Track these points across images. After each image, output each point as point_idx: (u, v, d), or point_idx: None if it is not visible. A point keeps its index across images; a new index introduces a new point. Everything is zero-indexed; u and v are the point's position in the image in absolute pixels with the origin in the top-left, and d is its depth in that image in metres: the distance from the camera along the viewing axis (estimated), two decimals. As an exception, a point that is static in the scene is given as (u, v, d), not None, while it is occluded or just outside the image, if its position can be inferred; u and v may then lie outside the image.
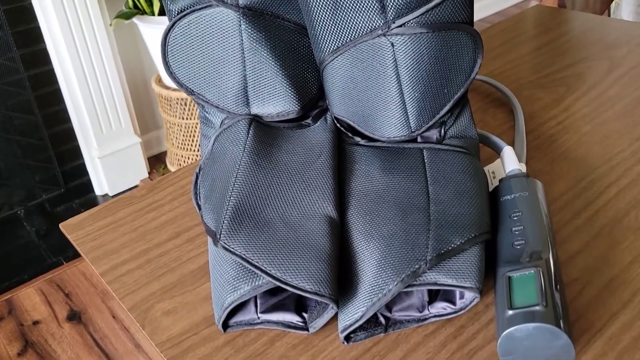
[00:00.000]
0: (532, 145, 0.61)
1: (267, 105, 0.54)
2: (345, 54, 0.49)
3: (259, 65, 0.52)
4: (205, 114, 0.56)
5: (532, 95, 0.70)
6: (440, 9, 0.45)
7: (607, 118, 0.64)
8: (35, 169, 1.75)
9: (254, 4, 0.50)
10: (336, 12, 0.46)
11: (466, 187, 0.47)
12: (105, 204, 0.59)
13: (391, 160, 0.51)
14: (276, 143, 0.52)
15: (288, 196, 0.47)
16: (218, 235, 0.44)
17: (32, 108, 1.70)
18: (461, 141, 0.53)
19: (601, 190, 0.54)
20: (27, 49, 1.64)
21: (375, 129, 0.52)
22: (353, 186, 0.49)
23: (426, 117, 0.51)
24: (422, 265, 0.41)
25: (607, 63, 0.76)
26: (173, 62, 0.53)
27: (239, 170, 0.48)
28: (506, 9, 3.09)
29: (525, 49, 0.82)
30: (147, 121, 2.01)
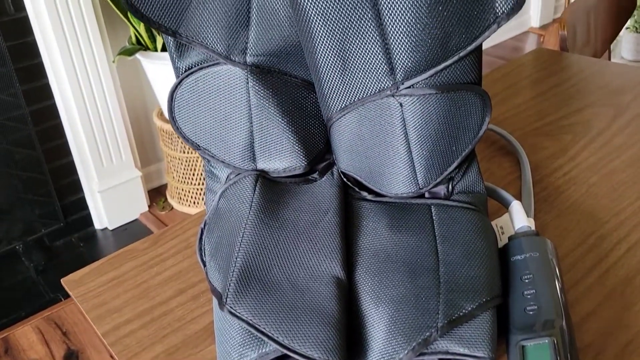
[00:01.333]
0: (540, 197, 0.61)
1: (274, 161, 0.53)
2: (353, 112, 0.49)
3: (265, 122, 0.52)
4: (210, 168, 0.56)
5: (537, 143, 0.70)
6: (449, 70, 0.45)
7: (614, 168, 0.64)
8: (35, 203, 1.75)
9: (261, 62, 0.50)
10: (345, 72, 0.46)
11: (476, 247, 0.47)
12: (108, 257, 0.58)
13: (399, 217, 0.50)
14: (283, 200, 0.51)
15: (295, 256, 0.46)
16: (224, 298, 0.43)
17: (34, 143, 1.70)
18: (469, 197, 0.52)
19: (611, 247, 0.53)
20: (29, 85, 1.65)
21: (383, 185, 0.52)
22: (361, 244, 0.48)
23: (434, 174, 0.50)
24: (433, 332, 0.40)
25: (612, 110, 0.76)
26: (180, 117, 0.53)
27: (246, 230, 0.47)
28: (504, 42, 3.12)
29: (529, 94, 0.82)
30: (148, 154, 2.01)
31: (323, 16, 0.42)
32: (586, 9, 1.14)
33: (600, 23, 1.20)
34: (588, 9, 1.15)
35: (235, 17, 0.47)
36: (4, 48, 1.58)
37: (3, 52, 1.58)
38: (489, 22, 0.42)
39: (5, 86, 1.61)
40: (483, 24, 0.43)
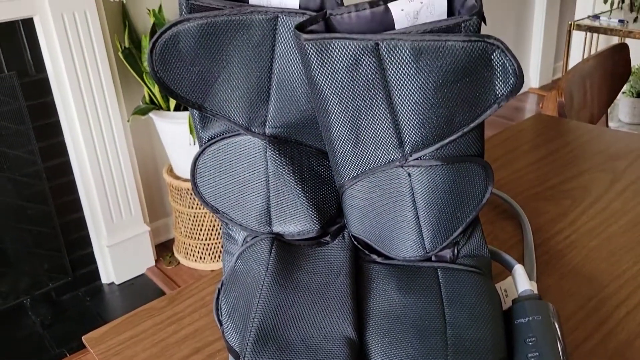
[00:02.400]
0: (541, 261, 0.63)
1: (289, 225, 0.56)
2: (364, 180, 0.52)
3: (282, 188, 0.55)
4: (228, 231, 0.59)
5: (538, 207, 0.73)
6: (454, 144, 0.49)
7: (613, 233, 0.67)
8: (44, 257, 1.77)
9: (279, 133, 0.54)
10: (357, 144, 0.50)
11: (481, 309, 0.49)
12: (127, 316, 0.60)
13: (407, 280, 0.53)
14: (297, 262, 0.54)
15: (309, 317, 0.48)
16: (242, 357, 0.45)
17: (46, 198, 1.74)
18: (474, 260, 0.55)
19: (611, 311, 0.55)
20: (45, 142, 1.71)
21: (392, 249, 0.55)
22: (371, 305, 0.51)
23: (440, 238, 0.53)
24: (442, 394, 0.42)
25: (610, 175, 0.79)
26: (201, 183, 0.57)
27: (262, 291, 0.50)
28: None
29: (529, 158, 0.86)
30: (156, 209, 2.04)
31: (338, 96, 0.46)
32: (582, 76, 1.20)
33: (597, 89, 1.25)
34: (584, 76, 1.21)
35: (257, 93, 0.52)
36: (24, 107, 1.65)
37: (23, 111, 1.65)
38: (490, 102, 0.46)
39: (22, 143, 1.66)
40: (485, 104, 0.46)
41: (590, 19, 2.49)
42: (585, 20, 2.49)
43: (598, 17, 2.47)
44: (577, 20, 2.50)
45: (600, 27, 2.40)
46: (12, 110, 1.63)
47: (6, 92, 1.61)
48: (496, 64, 0.45)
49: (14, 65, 1.61)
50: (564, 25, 3.40)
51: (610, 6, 2.47)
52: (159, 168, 2.01)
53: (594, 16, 2.49)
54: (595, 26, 2.42)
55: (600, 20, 2.44)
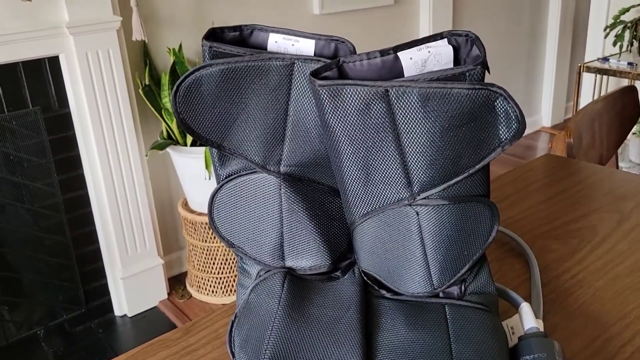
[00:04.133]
0: (548, 299, 0.64)
1: (301, 260, 0.58)
2: (374, 217, 0.55)
3: (295, 224, 0.57)
4: (243, 265, 0.61)
5: (546, 246, 0.75)
6: (460, 184, 0.51)
7: (619, 273, 0.68)
8: (59, 288, 1.79)
9: (293, 171, 0.57)
10: (367, 184, 0.52)
11: (487, 346, 0.50)
12: (143, 346, 0.62)
13: (415, 315, 0.54)
14: (308, 296, 0.56)
15: (319, 349, 0.50)
16: (254, 388, 0.46)
17: (64, 230, 1.77)
18: (481, 297, 0.56)
19: (616, 351, 0.56)
20: (65, 175, 1.75)
21: (400, 285, 0.56)
22: (380, 340, 0.52)
23: (448, 275, 0.55)
24: None
25: (617, 215, 0.80)
26: (217, 218, 0.59)
27: (275, 324, 0.52)
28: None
29: (538, 198, 0.88)
30: (170, 242, 2.07)
31: (349, 138, 0.49)
32: (591, 117, 1.22)
33: (606, 130, 1.27)
34: (593, 117, 1.23)
35: (273, 134, 0.55)
36: (46, 141, 1.70)
37: (45, 145, 1.70)
38: (494, 145, 0.49)
39: (43, 176, 1.71)
40: (489, 147, 0.49)
41: (599, 61, 2.53)
42: (594, 63, 2.53)
43: (607, 60, 2.51)
44: (586, 62, 2.54)
45: (610, 69, 2.44)
46: (35, 144, 1.68)
47: (30, 126, 1.66)
48: (499, 110, 0.47)
49: (39, 100, 1.67)
50: (575, 66, 3.45)
51: (619, 49, 2.51)
52: (174, 202, 2.05)
53: (604, 58, 2.54)
54: (605, 68, 2.45)
55: (610, 62, 2.48)
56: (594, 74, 2.54)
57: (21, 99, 1.65)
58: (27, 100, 1.65)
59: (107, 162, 1.75)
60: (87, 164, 1.76)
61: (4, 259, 1.69)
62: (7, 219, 1.67)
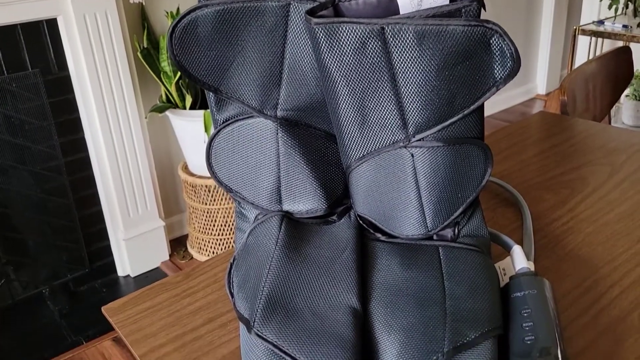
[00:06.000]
0: (540, 245, 0.66)
1: (298, 203, 0.59)
2: (370, 161, 0.56)
3: (292, 168, 0.59)
4: (240, 209, 0.62)
5: (538, 196, 0.76)
6: (455, 126, 0.52)
7: (609, 220, 0.69)
8: (63, 249, 1.82)
9: (290, 116, 0.58)
10: (363, 126, 0.53)
11: (479, 283, 0.52)
12: (144, 289, 0.64)
13: (409, 256, 0.55)
14: (305, 238, 0.57)
15: (316, 288, 0.51)
16: (252, 322, 0.48)
17: (67, 192, 1.79)
18: (473, 240, 0.57)
19: (605, 290, 0.58)
20: (66, 138, 1.76)
21: (395, 227, 0.58)
22: (375, 279, 0.54)
23: (441, 218, 0.56)
24: (440, 357, 0.45)
25: (608, 168, 0.81)
26: (215, 163, 0.60)
27: (272, 263, 0.53)
28: (513, 107, 3.22)
29: (531, 152, 0.88)
30: (171, 205, 2.09)
31: (345, 78, 0.49)
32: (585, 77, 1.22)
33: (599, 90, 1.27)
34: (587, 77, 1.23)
35: (269, 77, 0.55)
36: (46, 104, 1.70)
37: (46, 107, 1.70)
38: (489, 85, 0.50)
39: (45, 138, 1.72)
40: (484, 87, 0.50)
41: (595, 24, 2.52)
42: (590, 26, 2.51)
43: (602, 23, 2.50)
44: (582, 25, 2.53)
45: (605, 32, 2.43)
46: (35, 107, 1.68)
47: (30, 89, 1.66)
48: (495, 48, 0.48)
49: (38, 63, 1.67)
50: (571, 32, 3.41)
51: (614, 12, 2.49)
52: (174, 165, 2.06)
53: (599, 21, 2.52)
54: (600, 31, 2.45)
55: (605, 25, 2.47)
56: (589, 36, 2.52)
57: (20, 62, 1.64)
58: (27, 63, 1.65)
59: (107, 125, 1.76)
60: (87, 127, 1.76)
61: (8, 220, 1.71)
62: (9, 181, 1.68)
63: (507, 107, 3.23)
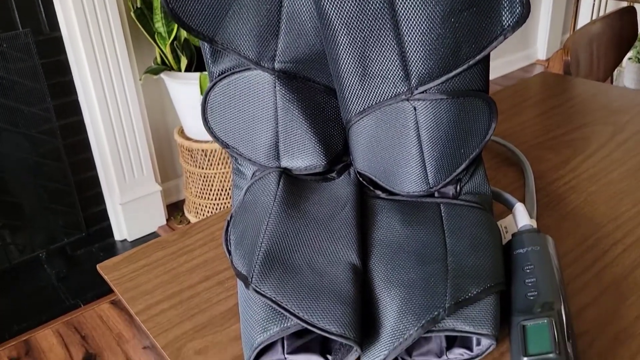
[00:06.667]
0: (542, 204, 0.65)
1: (296, 160, 0.58)
2: (371, 115, 0.54)
3: (290, 123, 0.57)
4: (238, 166, 0.60)
5: (540, 156, 0.75)
6: (459, 78, 0.50)
7: (612, 179, 0.68)
8: (59, 213, 1.81)
9: (288, 68, 0.56)
10: (364, 78, 0.52)
11: (481, 239, 0.51)
12: (140, 247, 0.63)
13: (410, 213, 0.54)
14: (304, 194, 0.56)
15: (315, 244, 0.50)
16: (250, 278, 0.47)
17: (61, 155, 1.77)
18: (475, 197, 0.56)
19: (608, 248, 0.57)
20: (60, 100, 1.73)
21: (396, 184, 0.56)
22: (375, 236, 0.53)
23: (444, 174, 0.55)
24: (441, 312, 0.44)
25: (611, 128, 0.80)
26: (211, 117, 0.58)
27: (270, 219, 0.52)
28: (513, 72, 3.18)
29: (534, 112, 0.87)
30: (167, 170, 2.07)
31: (346, 26, 0.47)
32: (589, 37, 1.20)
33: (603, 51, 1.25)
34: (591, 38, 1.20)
35: (267, 27, 0.53)
36: (38, 65, 1.67)
37: (37, 69, 1.67)
38: (496, 33, 0.48)
39: (38, 101, 1.69)
40: (491, 35, 0.48)
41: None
42: (593, -17, 2.46)
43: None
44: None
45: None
46: (27, 68, 1.65)
47: (21, 49, 1.63)
48: (502, -6, 0.46)
49: (29, 23, 1.63)
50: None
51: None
52: (170, 130, 2.04)
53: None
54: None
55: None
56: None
57: (10, 21, 1.60)
58: (17, 22, 1.61)
59: (101, 88, 1.72)
60: (81, 90, 1.73)
61: (3, 184, 1.69)
62: (3, 144, 1.66)
63: (506, 72, 3.19)
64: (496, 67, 3.13)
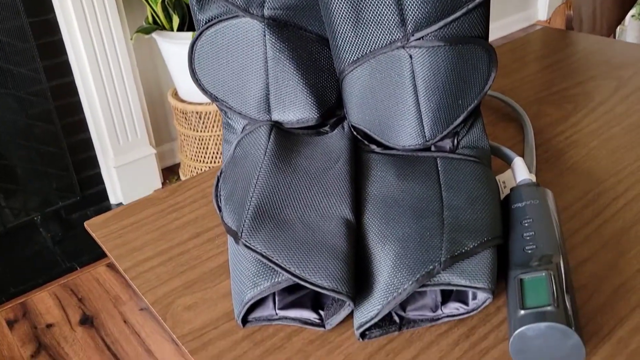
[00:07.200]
0: (541, 159, 0.63)
1: (288, 113, 0.56)
2: (365, 64, 0.52)
3: (281, 74, 0.55)
4: (227, 120, 0.58)
5: (541, 111, 0.72)
6: (458, 23, 0.48)
7: (614, 134, 0.66)
8: (53, 176, 1.79)
9: (278, 15, 0.53)
10: (358, 24, 0.49)
11: (479, 193, 0.49)
12: (129, 204, 0.61)
13: (406, 167, 0.53)
14: (296, 148, 0.54)
15: (307, 199, 0.49)
16: (240, 233, 0.46)
17: (53, 117, 1.74)
18: (473, 151, 0.55)
19: (609, 202, 0.55)
20: (50, 61, 1.69)
21: (391, 138, 0.54)
22: (369, 191, 0.51)
23: (441, 126, 0.53)
24: (436, 266, 0.43)
25: (614, 82, 0.78)
26: (199, 69, 0.56)
27: (261, 173, 0.50)
28: (512, 34, 3.13)
29: (535, 67, 0.84)
30: (161, 133, 2.05)
31: (338, -33, 0.45)
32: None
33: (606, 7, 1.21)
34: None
35: (255, -30, 0.50)
36: (26, 24, 1.62)
37: (25, 28, 1.62)
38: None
39: (26, 61, 1.65)
40: (489, -24, 0.45)
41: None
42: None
43: None
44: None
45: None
46: (15, 27, 1.60)
47: (7, 7, 1.58)
48: None
49: (14, -20, 1.58)
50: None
51: None
52: (164, 92, 2.00)
53: None
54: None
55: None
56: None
57: (-5, -22, 1.55)
58: (2, -21, 1.56)
59: (91, 47, 1.68)
60: (71, 49, 1.69)
61: (-5, 147, 1.67)
62: (-8, 107, 1.63)
63: (505, 34, 3.13)
64: (495, 29, 3.07)
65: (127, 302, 1.51)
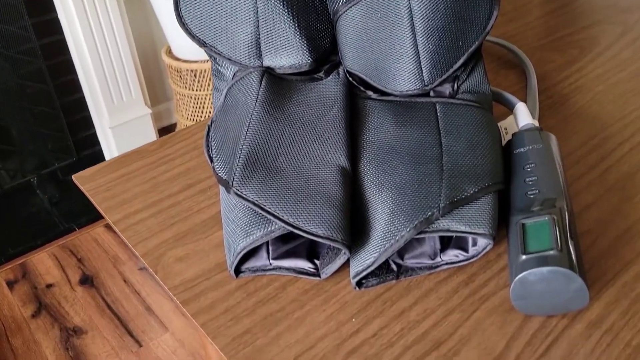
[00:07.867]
0: (545, 104, 0.61)
1: (280, 58, 0.53)
2: (360, 3, 0.49)
3: (271, 17, 0.52)
4: (217, 67, 0.56)
5: (545, 57, 0.70)
6: (457, -44, 0.45)
7: (621, 79, 0.64)
8: (48, 137, 1.77)
9: (267, -47, 0.50)
10: (351, -41, 0.46)
11: (479, 139, 0.47)
12: (117, 157, 0.59)
13: (404, 113, 0.51)
14: (289, 94, 0.52)
15: (300, 146, 0.47)
16: (231, 182, 0.44)
17: (44, 77, 1.70)
18: (474, 96, 0.52)
19: (614, 147, 0.54)
20: (38, 18, 1.64)
21: (388, 82, 0.52)
22: (365, 138, 0.49)
23: (440, 70, 0.50)
24: (435, 212, 0.41)
25: (621, 27, 0.75)
26: (186, 13, 0.53)
27: (252, 120, 0.48)
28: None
29: (538, 12, 0.81)
30: (157, 93, 2.01)
31: None
32: None
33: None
34: None
35: None
36: (11, -21, 1.57)
37: (11, -17, 1.58)
38: None
39: (14, 18, 1.60)
40: None
41: None
42: None
43: None
44: None
45: None
46: (-1, -17, 1.56)
47: (-8, -38, 1.53)
48: None
49: None
50: None
51: None
52: (158, 51, 1.96)
53: None
54: None
55: None
56: None
57: None
58: None
59: (81, 4, 1.63)
60: (60, 6, 1.64)
61: (-14, 109, 1.64)
62: (-18, 67, 1.59)
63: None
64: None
65: (126, 262, 1.51)
